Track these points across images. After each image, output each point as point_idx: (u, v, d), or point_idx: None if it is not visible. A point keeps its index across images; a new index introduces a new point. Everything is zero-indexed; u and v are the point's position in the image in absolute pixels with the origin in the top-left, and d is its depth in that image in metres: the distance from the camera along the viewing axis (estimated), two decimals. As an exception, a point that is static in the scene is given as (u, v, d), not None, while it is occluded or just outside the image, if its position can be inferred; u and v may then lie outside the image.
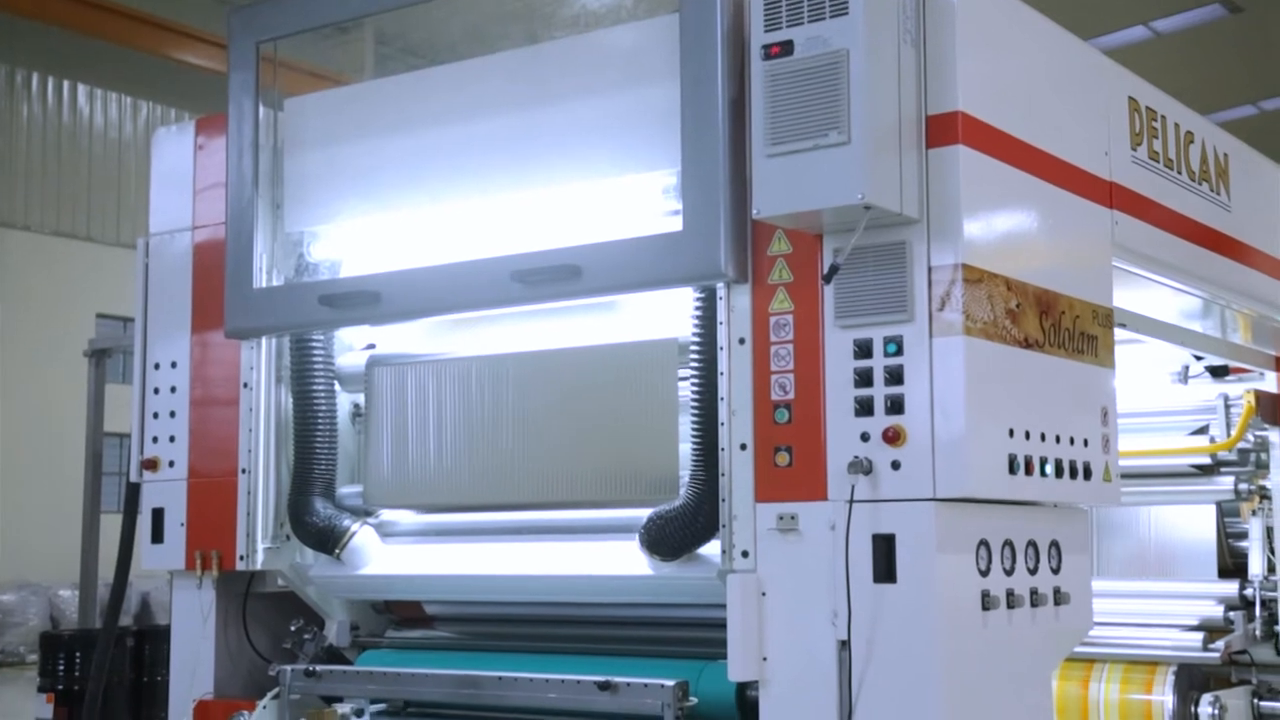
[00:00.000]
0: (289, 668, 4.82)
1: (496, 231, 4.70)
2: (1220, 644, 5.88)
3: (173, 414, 5.27)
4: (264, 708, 4.83)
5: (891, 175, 3.72)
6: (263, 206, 5.03)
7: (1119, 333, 4.58)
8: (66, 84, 25.04)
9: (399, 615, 5.22)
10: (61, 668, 9.46)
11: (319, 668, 4.83)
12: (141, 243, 5.48)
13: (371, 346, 5.18)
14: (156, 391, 5.33)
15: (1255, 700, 6.09)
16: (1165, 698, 5.85)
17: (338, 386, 5.13)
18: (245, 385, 5.08)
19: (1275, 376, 6.28)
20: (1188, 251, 5.06)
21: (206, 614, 5.13)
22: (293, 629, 5.05)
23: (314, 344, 5.05)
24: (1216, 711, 5.83)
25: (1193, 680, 5.95)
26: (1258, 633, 5.97)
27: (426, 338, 5.03)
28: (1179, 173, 5.04)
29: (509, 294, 4.48)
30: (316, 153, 5.06)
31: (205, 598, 5.14)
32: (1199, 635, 5.93)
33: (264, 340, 5.09)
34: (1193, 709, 5.85)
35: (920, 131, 3.84)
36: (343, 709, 4.29)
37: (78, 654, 9.48)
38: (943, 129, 3.84)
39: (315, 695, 4.87)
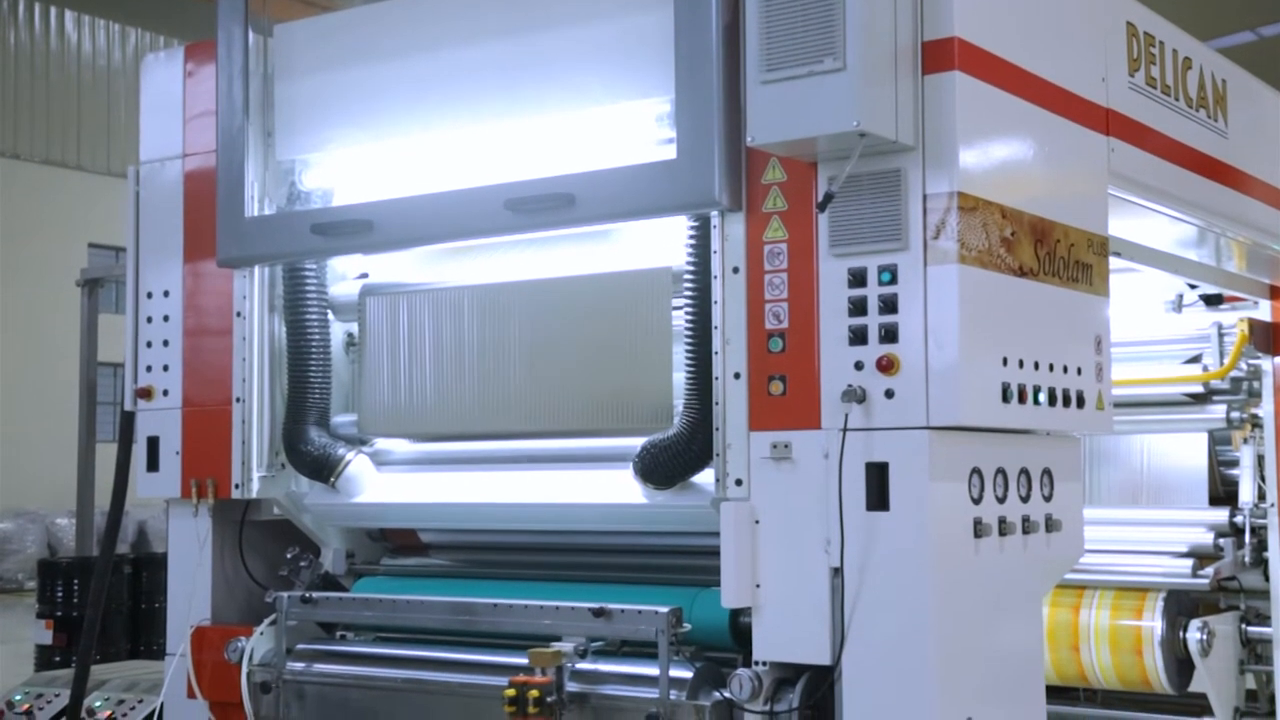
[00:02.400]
0: (285, 595, 4.85)
1: (490, 160, 4.67)
2: (1210, 570, 5.92)
3: (166, 343, 5.26)
4: (261, 634, 4.87)
5: (887, 102, 3.69)
6: (253, 134, 5.00)
7: (1113, 261, 4.57)
8: (54, 10, 24.77)
9: (394, 543, 5.25)
10: (60, 595, 9.52)
11: (315, 595, 4.86)
12: (132, 171, 5.44)
13: (365, 275, 5.16)
14: (149, 320, 5.31)
15: (1243, 625, 6.15)
16: (1155, 623, 5.90)
17: (331, 315, 5.11)
18: (238, 314, 5.07)
19: (1269, 305, 6.28)
20: (1184, 179, 5.03)
21: (203, 542, 5.15)
22: (289, 556, 5.07)
23: (307, 273, 5.03)
24: (1205, 637, 5.88)
25: (1182, 606, 6.00)
26: (1247, 559, 6.01)
27: (420, 267, 5.01)
28: (1176, 99, 5.00)
29: (502, 223, 4.46)
30: (307, 80, 5.01)
31: (201, 526, 5.15)
32: (1189, 562, 5.97)
33: (256, 269, 5.07)
34: (1181, 634, 5.90)
35: (916, 57, 3.81)
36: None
37: (76, 581, 9.55)
38: (939, 55, 3.80)
39: (311, 622, 4.92)
